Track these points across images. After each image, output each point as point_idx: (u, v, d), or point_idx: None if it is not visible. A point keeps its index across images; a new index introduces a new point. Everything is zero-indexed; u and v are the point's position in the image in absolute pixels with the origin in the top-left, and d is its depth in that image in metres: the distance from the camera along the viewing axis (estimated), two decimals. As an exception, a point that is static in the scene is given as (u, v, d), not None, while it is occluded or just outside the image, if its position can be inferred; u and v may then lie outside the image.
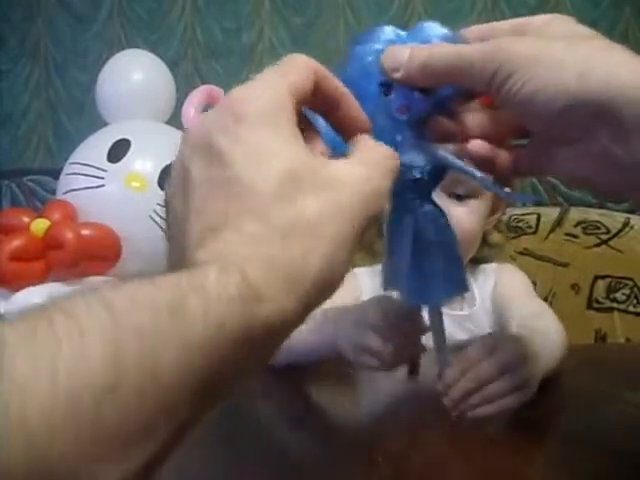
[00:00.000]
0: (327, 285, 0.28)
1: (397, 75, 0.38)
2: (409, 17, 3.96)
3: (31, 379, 0.20)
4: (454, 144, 0.41)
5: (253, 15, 3.88)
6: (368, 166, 0.31)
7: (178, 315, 0.23)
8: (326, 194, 0.29)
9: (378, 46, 0.39)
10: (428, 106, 0.39)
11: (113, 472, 0.21)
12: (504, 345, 0.56)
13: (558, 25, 0.39)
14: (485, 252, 0.98)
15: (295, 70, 0.34)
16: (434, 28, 0.40)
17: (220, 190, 0.29)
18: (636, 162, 0.34)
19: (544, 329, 0.71)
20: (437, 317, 0.49)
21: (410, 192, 0.42)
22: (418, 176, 0.41)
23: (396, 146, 0.39)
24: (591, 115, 0.34)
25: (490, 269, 0.97)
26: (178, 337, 0.23)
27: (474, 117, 0.41)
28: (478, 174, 0.40)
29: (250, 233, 0.27)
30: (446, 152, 0.41)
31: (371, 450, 0.44)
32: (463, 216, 0.85)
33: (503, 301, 0.89)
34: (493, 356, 0.53)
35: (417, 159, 0.41)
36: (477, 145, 0.40)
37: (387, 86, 0.39)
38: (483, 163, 0.41)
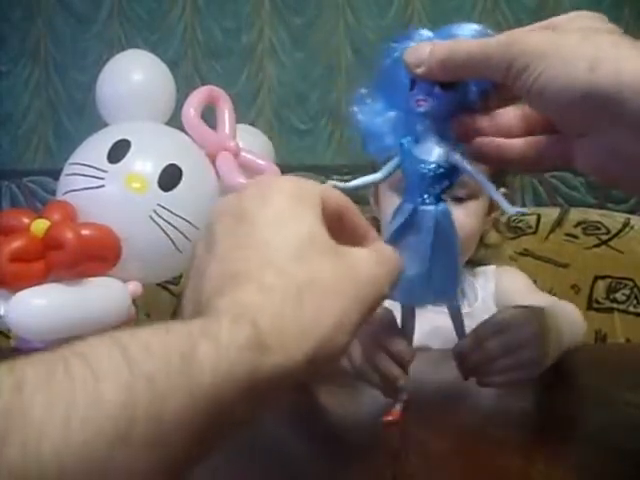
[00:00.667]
0: (333, 346, 0.28)
1: (419, 70, 0.39)
2: (409, 17, 3.97)
3: (47, 423, 0.20)
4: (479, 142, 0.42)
5: (253, 15, 3.88)
6: (380, 254, 0.33)
7: (188, 363, 0.24)
8: (342, 261, 0.30)
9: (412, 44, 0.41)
10: (448, 101, 0.41)
11: None
12: (514, 324, 0.58)
13: (581, 21, 0.39)
14: (482, 253, 0.98)
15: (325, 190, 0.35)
16: (464, 27, 0.42)
17: (244, 242, 0.30)
18: None
19: (562, 308, 0.74)
20: (457, 316, 0.51)
21: (425, 188, 0.42)
22: (431, 173, 0.42)
23: (417, 140, 0.41)
24: (600, 108, 0.34)
25: (490, 271, 0.97)
26: (187, 385, 0.24)
27: (502, 114, 0.42)
28: (488, 183, 0.41)
29: (268, 285, 0.28)
30: (460, 157, 0.42)
31: (372, 451, 0.44)
32: (463, 218, 0.85)
33: (512, 299, 0.89)
34: (500, 336, 0.56)
35: (434, 156, 0.42)
36: (488, 139, 0.41)
37: (412, 81, 0.41)
38: (493, 156, 0.42)
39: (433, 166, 0.42)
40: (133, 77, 2.10)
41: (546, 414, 0.55)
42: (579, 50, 0.35)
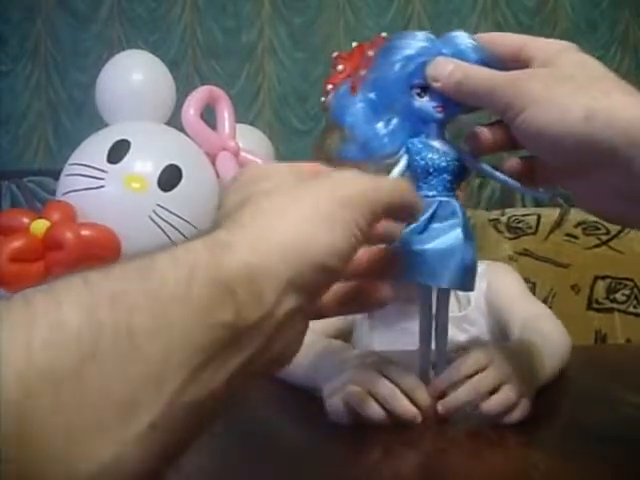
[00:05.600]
0: (311, 246, 0.28)
1: (436, 85, 0.41)
2: (409, 17, 3.97)
3: (8, 349, 0.20)
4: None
5: (253, 15, 3.88)
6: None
7: (146, 275, 0.24)
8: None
9: (410, 51, 0.42)
10: (459, 110, 0.43)
11: (104, 443, 0.21)
12: (499, 361, 0.53)
13: (568, 58, 0.40)
14: None
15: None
16: (463, 37, 0.43)
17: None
18: None
19: (548, 332, 0.71)
20: (443, 307, 0.48)
21: (442, 181, 0.43)
22: (446, 164, 0.43)
23: (423, 136, 0.43)
24: (597, 155, 0.36)
25: (482, 269, 0.96)
26: (150, 296, 0.23)
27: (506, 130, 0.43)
28: (509, 180, 0.42)
29: (240, 220, 0.29)
30: (470, 155, 0.43)
31: (371, 450, 0.44)
32: None
33: (500, 302, 0.88)
34: (485, 372, 0.52)
35: (448, 153, 0.43)
36: (513, 162, 0.43)
37: (422, 88, 0.42)
38: (523, 177, 0.43)
39: (451, 158, 0.43)
40: (133, 77, 2.10)
41: (546, 414, 0.55)
42: (573, 101, 0.36)
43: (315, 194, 0.30)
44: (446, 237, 0.41)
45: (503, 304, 0.86)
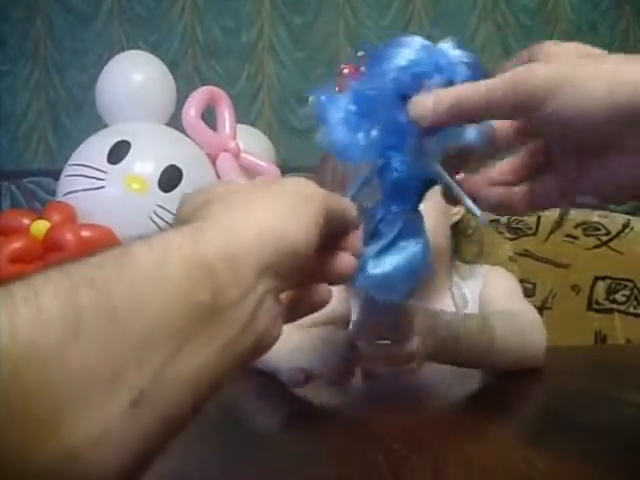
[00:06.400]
0: (267, 233, 0.30)
1: (425, 122, 0.40)
2: (409, 17, 3.97)
3: None
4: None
5: (253, 15, 3.88)
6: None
7: (122, 259, 0.25)
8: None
9: (402, 62, 0.41)
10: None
11: (90, 418, 0.22)
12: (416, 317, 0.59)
13: (573, 48, 0.40)
14: (471, 250, 0.96)
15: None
16: (448, 49, 0.42)
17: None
18: None
19: (519, 326, 0.71)
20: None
21: (408, 196, 0.44)
22: (418, 185, 0.43)
23: (400, 150, 0.42)
24: (623, 123, 0.35)
25: (480, 271, 0.96)
26: (125, 277, 0.24)
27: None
28: (467, 200, 0.42)
29: (209, 214, 0.31)
30: (440, 169, 0.43)
31: (371, 450, 0.44)
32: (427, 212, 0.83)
33: (487, 301, 0.88)
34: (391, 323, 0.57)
35: (421, 170, 0.43)
36: (493, 192, 0.43)
37: (404, 98, 0.41)
38: (500, 207, 0.43)
39: (424, 174, 0.43)
40: (133, 77, 2.10)
41: (545, 414, 0.55)
42: (596, 75, 0.36)
43: (279, 191, 0.33)
44: (409, 254, 0.43)
45: (488, 302, 0.86)
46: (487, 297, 0.88)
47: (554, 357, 0.72)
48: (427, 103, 0.40)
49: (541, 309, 1.18)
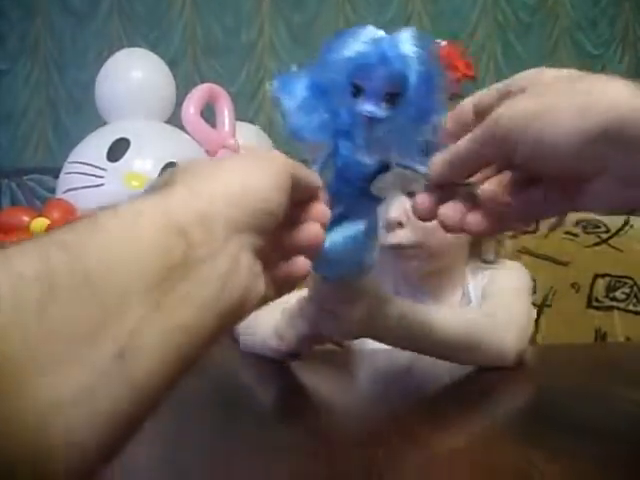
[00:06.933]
0: (233, 192, 0.31)
1: (441, 182, 0.41)
2: (409, 14, 3.96)
3: None
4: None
5: (253, 13, 3.88)
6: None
7: (92, 226, 0.26)
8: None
9: (349, 53, 0.42)
10: (390, 117, 0.42)
11: (72, 373, 0.23)
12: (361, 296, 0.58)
13: (548, 72, 0.40)
14: (488, 245, 0.95)
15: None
16: (407, 42, 0.42)
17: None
18: None
19: (501, 319, 0.71)
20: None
21: (359, 183, 0.45)
22: (365, 172, 0.44)
23: (355, 143, 0.43)
24: (598, 148, 0.35)
25: (492, 269, 0.95)
26: (97, 240, 0.25)
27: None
28: (423, 169, 0.42)
29: (172, 183, 0.31)
30: (395, 153, 0.43)
31: (370, 445, 0.44)
32: None
33: (484, 295, 0.86)
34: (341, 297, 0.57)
35: (368, 157, 0.44)
36: (489, 191, 0.42)
37: (356, 88, 0.42)
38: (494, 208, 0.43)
39: (375, 160, 0.44)
40: (132, 75, 2.10)
41: (545, 413, 0.55)
42: (565, 103, 0.35)
43: (244, 156, 0.35)
44: (347, 237, 0.44)
45: (484, 294, 0.84)
46: (485, 292, 0.87)
47: (554, 355, 0.72)
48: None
49: (541, 307, 1.18)
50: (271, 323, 0.66)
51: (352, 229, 0.45)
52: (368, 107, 0.42)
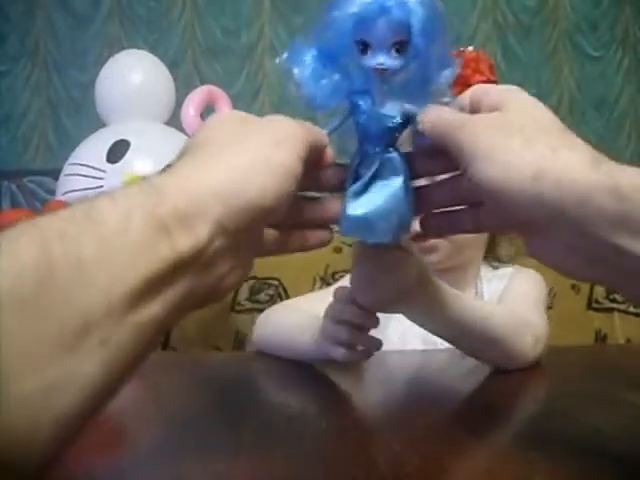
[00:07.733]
0: (222, 190, 0.32)
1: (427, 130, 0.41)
2: (409, 17, 3.96)
3: None
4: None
5: (253, 15, 3.88)
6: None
7: (90, 214, 0.28)
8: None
9: (353, 9, 0.42)
10: (403, 66, 0.42)
11: (60, 356, 0.24)
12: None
13: (517, 99, 0.40)
14: (506, 249, 0.95)
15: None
16: None
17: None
18: (599, 255, 0.35)
19: (513, 323, 0.69)
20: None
21: (386, 139, 0.44)
22: (390, 125, 0.44)
23: (372, 99, 0.43)
24: (548, 214, 0.35)
25: (506, 273, 0.94)
26: (93, 230, 0.27)
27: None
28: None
29: (174, 167, 0.33)
30: (411, 107, 0.43)
31: (371, 450, 0.44)
32: None
33: (500, 299, 0.86)
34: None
35: (389, 110, 0.43)
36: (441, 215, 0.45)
37: (363, 44, 0.42)
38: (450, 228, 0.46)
39: (394, 114, 0.43)
40: (132, 77, 2.10)
41: (545, 414, 0.55)
42: (523, 158, 0.36)
43: (250, 140, 0.35)
44: (387, 195, 0.43)
45: (508, 296, 0.84)
46: (503, 296, 0.86)
47: (554, 357, 0.72)
48: (429, 115, 0.42)
49: (541, 308, 1.18)
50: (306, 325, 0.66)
51: (389, 187, 0.44)
52: (379, 59, 0.42)
